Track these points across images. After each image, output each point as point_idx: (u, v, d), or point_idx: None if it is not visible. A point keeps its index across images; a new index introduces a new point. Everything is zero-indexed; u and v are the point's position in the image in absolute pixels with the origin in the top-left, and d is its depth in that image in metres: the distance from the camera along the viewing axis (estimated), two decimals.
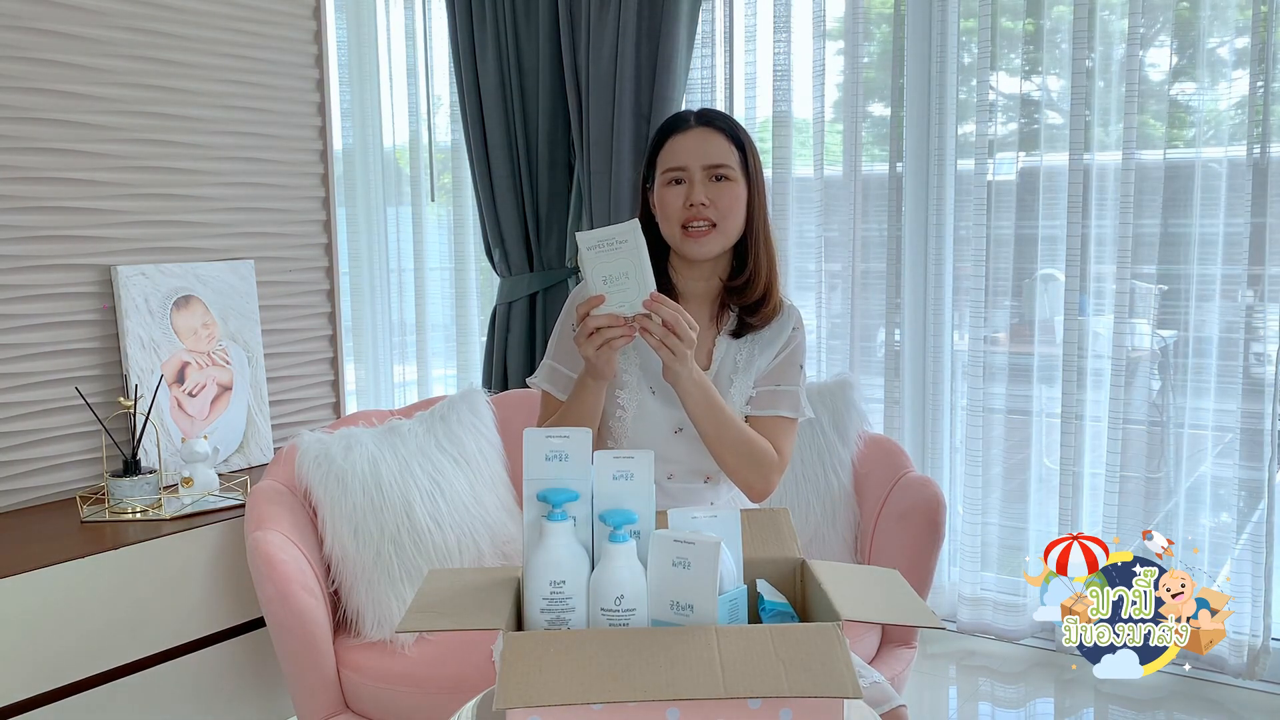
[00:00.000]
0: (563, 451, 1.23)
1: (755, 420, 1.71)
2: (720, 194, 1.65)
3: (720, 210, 1.64)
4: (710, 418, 1.60)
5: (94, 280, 2.48)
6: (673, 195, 1.66)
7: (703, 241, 1.65)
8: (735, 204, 1.66)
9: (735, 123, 1.71)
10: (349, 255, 3.77)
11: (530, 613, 1.20)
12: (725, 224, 1.65)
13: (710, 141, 1.66)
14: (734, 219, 1.66)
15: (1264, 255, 2.52)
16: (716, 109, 1.75)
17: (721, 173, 1.65)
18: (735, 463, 1.65)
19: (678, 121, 1.70)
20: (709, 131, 1.67)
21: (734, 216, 1.66)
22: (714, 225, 1.64)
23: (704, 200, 1.63)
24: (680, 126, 1.68)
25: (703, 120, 1.68)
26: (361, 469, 2.14)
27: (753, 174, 1.69)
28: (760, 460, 1.65)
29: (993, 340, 2.89)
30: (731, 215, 1.66)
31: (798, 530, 1.94)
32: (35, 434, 2.39)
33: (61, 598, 2.03)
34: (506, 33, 3.16)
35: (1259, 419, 2.56)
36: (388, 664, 2.05)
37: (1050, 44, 2.75)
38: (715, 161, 1.65)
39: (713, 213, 1.64)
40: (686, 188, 1.65)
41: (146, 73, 2.55)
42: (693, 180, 1.64)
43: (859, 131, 2.95)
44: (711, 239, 1.65)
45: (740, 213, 1.67)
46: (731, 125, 1.69)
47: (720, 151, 1.66)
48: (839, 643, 1.08)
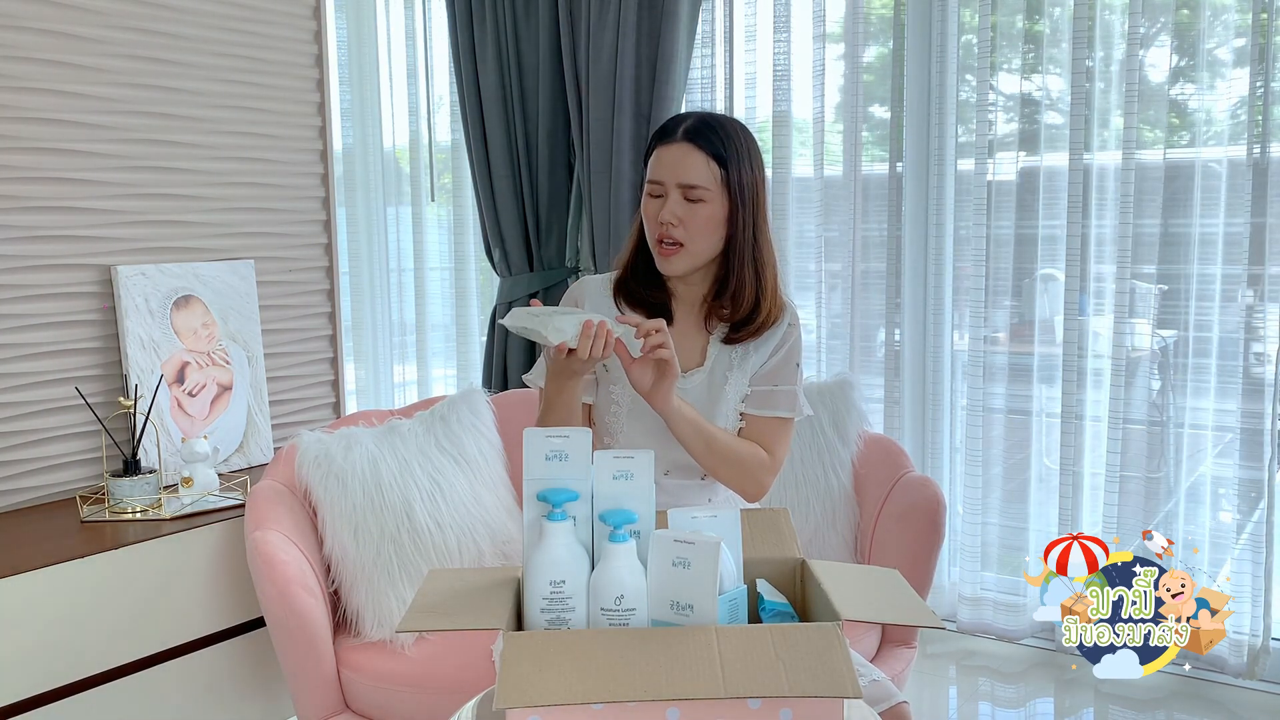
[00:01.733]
0: (563, 451, 1.23)
1: (751, 419, 1.71)
2: (691, 214, 1.62)
3: (689, 231, 1.62)
4: (699, 439, 1.63)
5: (94, 280, 2.48)
6: (651, 207, 1.66)
7: (670, 260, 1.65)
8: (706, 225, 1.63)
9: (727, 137, 1.63)
10: (349, 255, 3.77)
11: (530, 613, 1.20)
12: (693, 245, 1.63)
13: (688, 159, 1.62)
14: (703, 240, 1.64)
15: (1264, 255, 2.52)
16: (715, 118, 1.66)
17: (693, 194, 1.62)
18: (727, 473, 1.67)
19: (667, 131, 1.66)
20: (690, 148, 1.62)
21: (704, 238, 1.64)
22: (681, 245, 1.63)
23: (672, 220, 1.62)
24: (667, 138, 1.65)
25: (689, 135, 1.63)
26: (361, 469, 2.14)
27: (736, 190, 1.63)
28: (751, 468, 1.68)
29: (993, 340, 2.89)
30: (701, 236, 1.63)
31: (798, 530, 1.94)
32: (35, 434, 2.39)
33: (61, 598, 2.03)
34: (506, 33, 3.16)
35: (1259, 419, 2.56)
36: (388, 664, 2.05)
37: (1050, 44, 2.75)
38: (688, 182, 1.62)
39: (680, 233, 1.62)
40: (661, 202, 1.64)
41: (146, 73, 2.55)
42: (667, 196, 1.63)
43: (859, 132, 2.95)
44: (678, 258, 1.64)
45: (712, 233, 1.64)
46: (717, 143, 1.62)
47: (695, 172, 1.61)
48: (839, 643, 1.08)
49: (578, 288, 1.78)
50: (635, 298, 1.73)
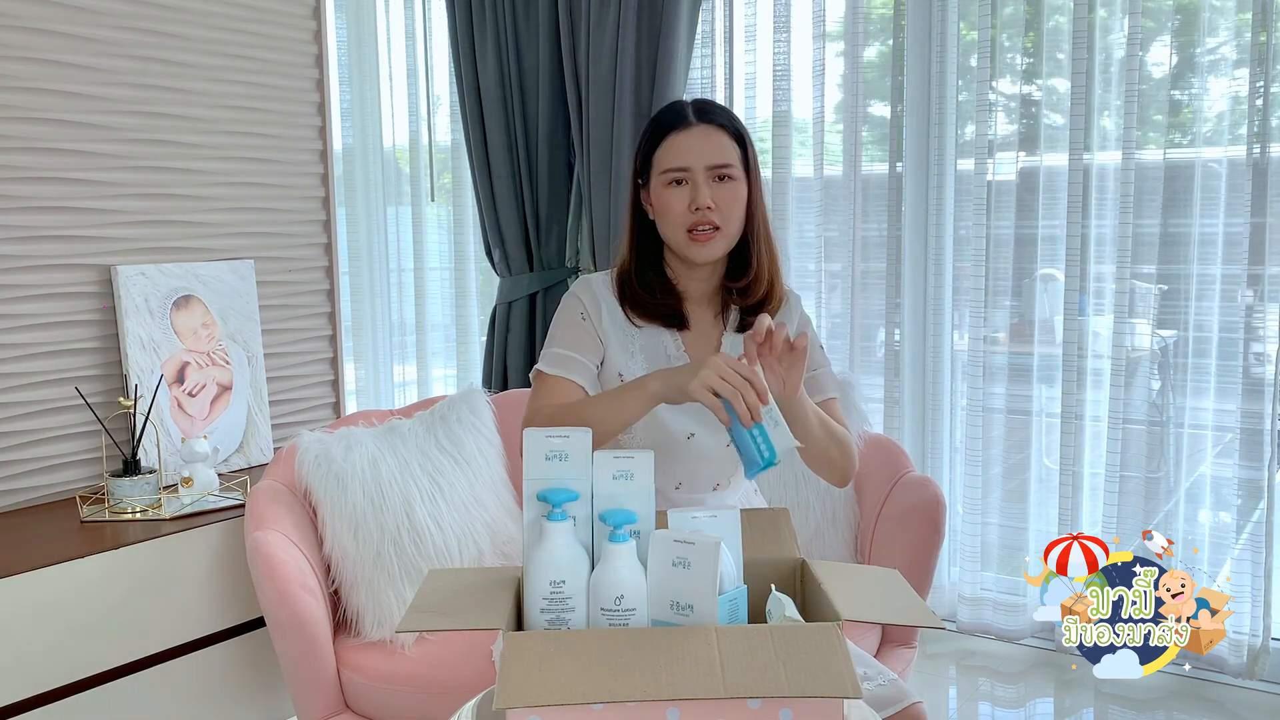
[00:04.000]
0: (563, 451, 1.23)
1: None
2: (723, 195, 1.60)
3: (724, 212, 1.60)
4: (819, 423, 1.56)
5: (94, 280, 2.48)
6: (675, 197, 1.60)
7: (709, 245, 1.60)
8: (737, 204, 1.61)
9: (734, 115, 1.66)
10: (349, 255, 3.77)
11: (530, 613, 1.20)
12: (729, 226, 1.61)
13: (713, 139, 1.60)
14: (736, 220, 1.62)
15: (1264, 255, 2.52)
16: (711, 100, 1.65)
17: (725, 172, 1.60)
18: (838, 453, 1.60)
19: (676, 117, 1.62)
20: (711, 129, 1.61)
21: (737, 219, 1.62)
22: (718, 228, 1.60)
23: (710, 203, 1.58)
24: (679, 123, 1.61)
25: (703, 116, 1.62)
26: (361, 469, 2.14)
27: (752, 170, 1.64)
28: (851, 446, 1.63)
29: (993, 340, 2.89)
30: (735, 217, 1.62)
31: (798, 530, 1.94)
32: (35, 434, 2.39)
33: (61, 598, 2.03)
34: (506, 33, 3.16)
35: (1259, 419, 2.56)
36: (388, 664, 2.05)
37: (1050, 44, 2.75)
38: (719, 161, 1.60)
39: (717, 216, 1.59)
40: (690, 189, 1.59)
41: (146, 73, 2.55)
42: (696, 182, 1.59)
43: (859, 131, 2.95)
44: (716, 242, 1.61)
45: (742, 212, 1.63)
46: (732, 119, 1.64)
47: (724, 150, 1.60)
48: (839, 643, 1.08)
49: (585, 291, 1.70)
50: (644, 307, 1.67)
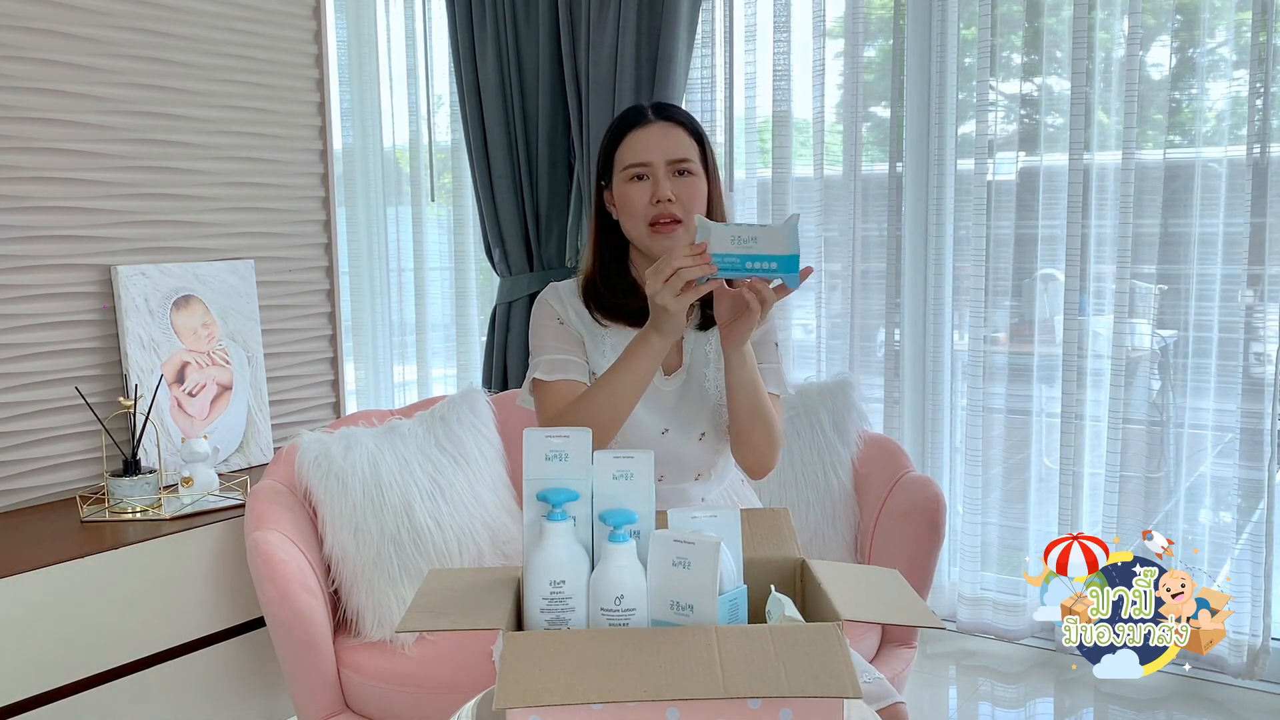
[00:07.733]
0: (563, 451, 1.23)
1: None
2: (684, 188, 1.64)
3: (685, 205, 1.64)
4: (751, 389, 1.59)
5: (94, 280, 2.48)
6: (637, 191, 1.64)
7: (671, 237, 1.64)
8: (698, 198, 1.65)
9: (692, 116, 1.71)
10: (349, 255, 3.77)
11: (530, 613, 1.20)
12: (690, 219, 1.64)
13: (672, 135, 1.65)
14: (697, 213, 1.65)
15: (1264, 255, 2.52)
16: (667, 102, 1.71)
17: (684, 167, 1.64)
18: (760, 435, 1.63)
19: (635, 116, 1.68)
20: (669, 126, 1.66)
21: (697, 211, 1.65)
22: (679, 220, 1.63)
23: (670, 195, 1.62)
24: (639, 121, 1.67)
25: (661, 114, 1.67)
26: (361, 469, 2.14)
27: (711, 168, 1.69)
28: (778, 435, 1.65)
29: (993, 340, 2.89)
30: (695, 209, 1.65)
31: (798, 530, 1.94)
32: (35, 434, 2.39)
33: (61, 598, 2.03)
34: (506, 33, 3.16)
35: (1259, 419, 2.56)
36: (388, 664, 2.05)
37: (1050, 44, 2.75)
38: (679, 155, 1.64)
39: (678, 208, 1.63)
40: (651, 183, 1.64)
41: (146, 73, 2.55)
42: (657, 176, 1.63)
43: (859, 131, 2.95)
44: (678, 234, 1.64)
45: (703, 207, 1.67)
46: (689, 119, 1.69)
47: (683, 146, 1.65)
48: (839, 643, 1.08)
49: (554, 297, 1.73)
50: (609, 308, 1.71)
